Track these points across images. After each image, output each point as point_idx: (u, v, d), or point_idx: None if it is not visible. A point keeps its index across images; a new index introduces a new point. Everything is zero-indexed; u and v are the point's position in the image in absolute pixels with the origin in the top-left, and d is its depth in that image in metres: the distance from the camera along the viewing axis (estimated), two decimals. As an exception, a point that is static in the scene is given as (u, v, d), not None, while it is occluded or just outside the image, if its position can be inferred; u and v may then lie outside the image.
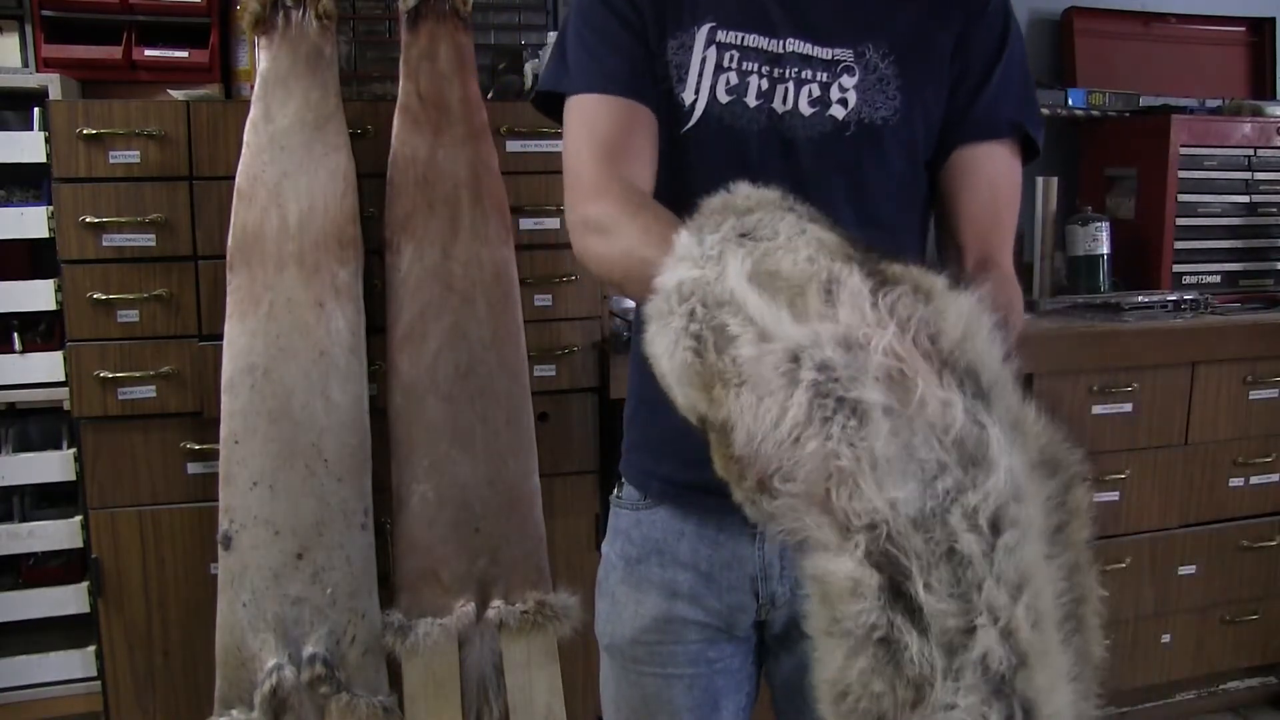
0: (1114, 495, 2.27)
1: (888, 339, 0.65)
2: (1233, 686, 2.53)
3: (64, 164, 1.75)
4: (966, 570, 0.62)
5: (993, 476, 0.64)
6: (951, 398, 0.65)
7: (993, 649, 0.61)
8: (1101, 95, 2.57)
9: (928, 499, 0.63)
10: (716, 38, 1.09)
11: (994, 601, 0.62)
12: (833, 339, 0.66)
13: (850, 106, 1.06)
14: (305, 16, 1.75)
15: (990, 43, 1.08)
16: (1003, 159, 1.10)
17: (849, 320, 0.67)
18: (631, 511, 1.18)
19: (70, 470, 1.89)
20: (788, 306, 0.69)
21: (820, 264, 0.70)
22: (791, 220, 0.76)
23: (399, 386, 1.82)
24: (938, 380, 0.65)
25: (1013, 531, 0.63)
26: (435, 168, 1.81)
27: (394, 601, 1.83)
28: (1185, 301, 2.34)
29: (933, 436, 0.64)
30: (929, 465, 0.63)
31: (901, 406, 0.64)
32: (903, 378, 0.65)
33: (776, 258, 0.72)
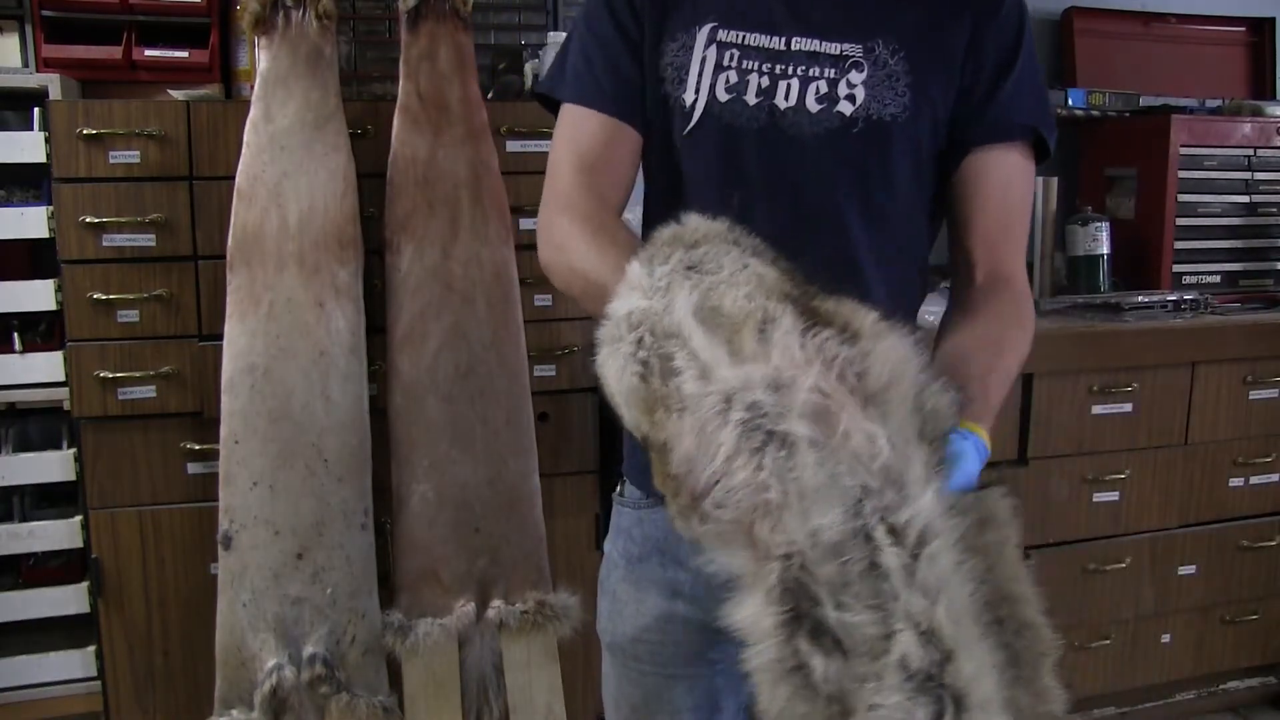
0: (1114, 495, 2.27)
1: (814, 378, 0.73)
2: (1233, 686, 2.53)
3: (64, 164, 1.75)
4: (885, 582, 0.69)
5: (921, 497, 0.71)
6: (875, 430, 0.72)
7: (911, 650, 0.68)
8: (1101, 95, 2.57)
9: (852, 521, 0.70)
10: (717, 37, 1.09)
11: (912, 608, 0.68)
12: (763, 381, 0.73)
13: (858, 103, 1.05)
14: (305, 16, 1.75)
15: (1004, 44, 1.06)
16: (1016, 163, 1.09)
17: (779, 361, 0.74)
18: (633, 510, 1.18)
19: (70, 470, 1.89)
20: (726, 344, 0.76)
21: (757, 302, 0.77)
22: (735, 255, 0.82)
23: (399, 386, 1.81)
24: (862, 414, 0.73)
25: (936, 542, 0.70)
26: (435, 168, 1.81)
27: (394, 601, 1.83)
28: (1185, 301, 2.34)
29: (859, 465, 0.71)
30: (853, 491, 0.70)
31: (826, 439, 0.71)
32: (829, 413, 0.72)
33: (719, 293, 0.79)
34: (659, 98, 1.11)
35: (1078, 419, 2.21)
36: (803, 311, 0.77)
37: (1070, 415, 2.21)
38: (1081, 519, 2.26)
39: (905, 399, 0.77)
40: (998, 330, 1.04)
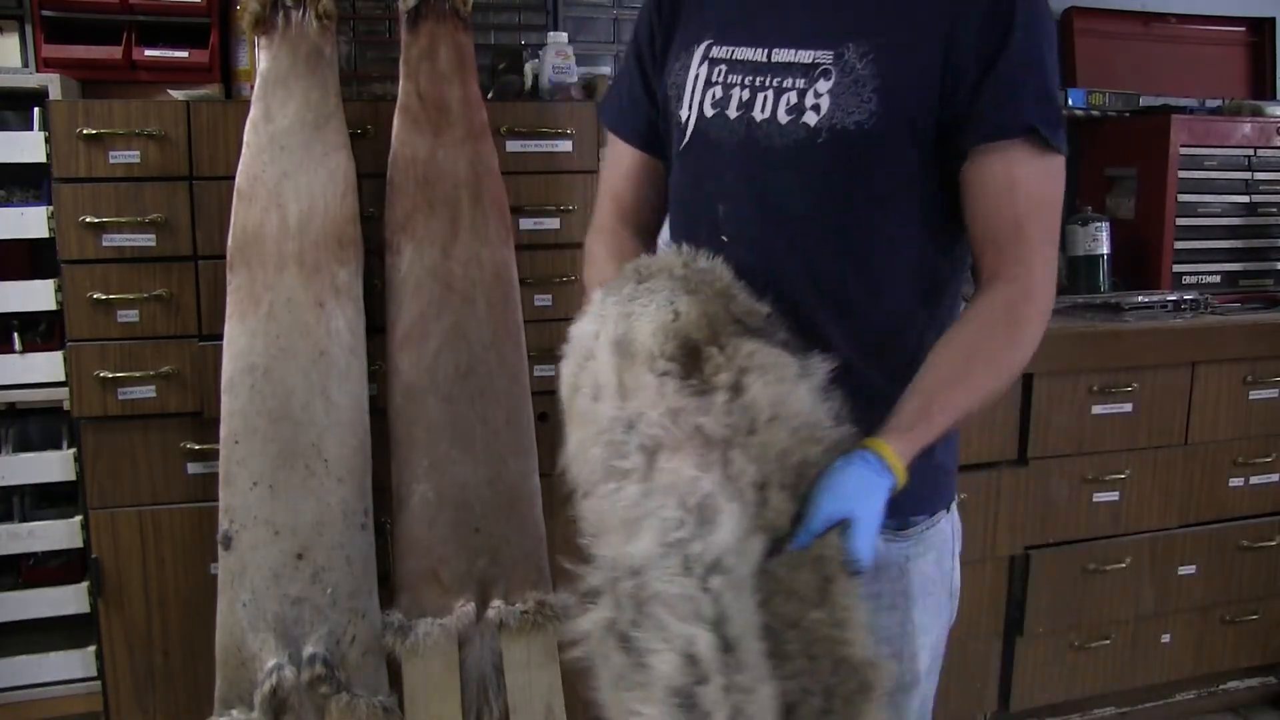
0: (1114, 495, 2.27)
1: (658, 420, 0.88)
2: (1233, 686, 2.53)
3: (64, 164, 1.75)
4: (667, 603, 0.81)
5: (717, 533, 0.83)
6: (701, 475, 0.86)
7: (672, 671, 0.80)
8: (1101, 95, 2.57)
9: (657, 545, 0.83)
10: (710, 54, 1.12)
11: (680, 631, 0.80)
12: (624, 419, 0.90)
13: (822, 113, 1.03)
14: (305, 16, 1.75)
15: (989, 41, 1.01)
16: (1019, 161, 1.04)
17: (640, 403, 0.90)
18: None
19: (70, 470, 1.89)
20: (619, 377, 0.92)
21: (658, 342, 0.92)
22: (668, 293, 0.96)
23: (399, 386, 1.82)
24: (698, 456, 0.87)
25: (719, 579, 0.82)
26: (435, 168, 1.81)
27: (394, 601, 1.83)
28: (1185, 301, 2.34)
29: (676, 501, 0.85)
30: (670, 522, 0.84)
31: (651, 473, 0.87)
32: (664, 452, 0.87)
33: (639, 327, 0.93)
34: (666, 116, 1.17)
35: (1078, 419, 2.21)
36: (689, 357, 0.91)
37: (1070, 415, 2.21)
38: (1081, 519, 2.26)
39: (766, 444, 0.89)
40: (973, 341, 1.03)
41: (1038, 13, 1.04)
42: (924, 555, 1.15)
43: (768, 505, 0.88)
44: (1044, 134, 1.04)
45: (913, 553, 1.14)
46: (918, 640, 1.15)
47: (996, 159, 1.03)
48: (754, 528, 0.86)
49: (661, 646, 0.80)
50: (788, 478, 0.89)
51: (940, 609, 1.18)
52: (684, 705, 0.79)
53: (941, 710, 2.28)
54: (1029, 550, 2.23)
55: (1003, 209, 1.04)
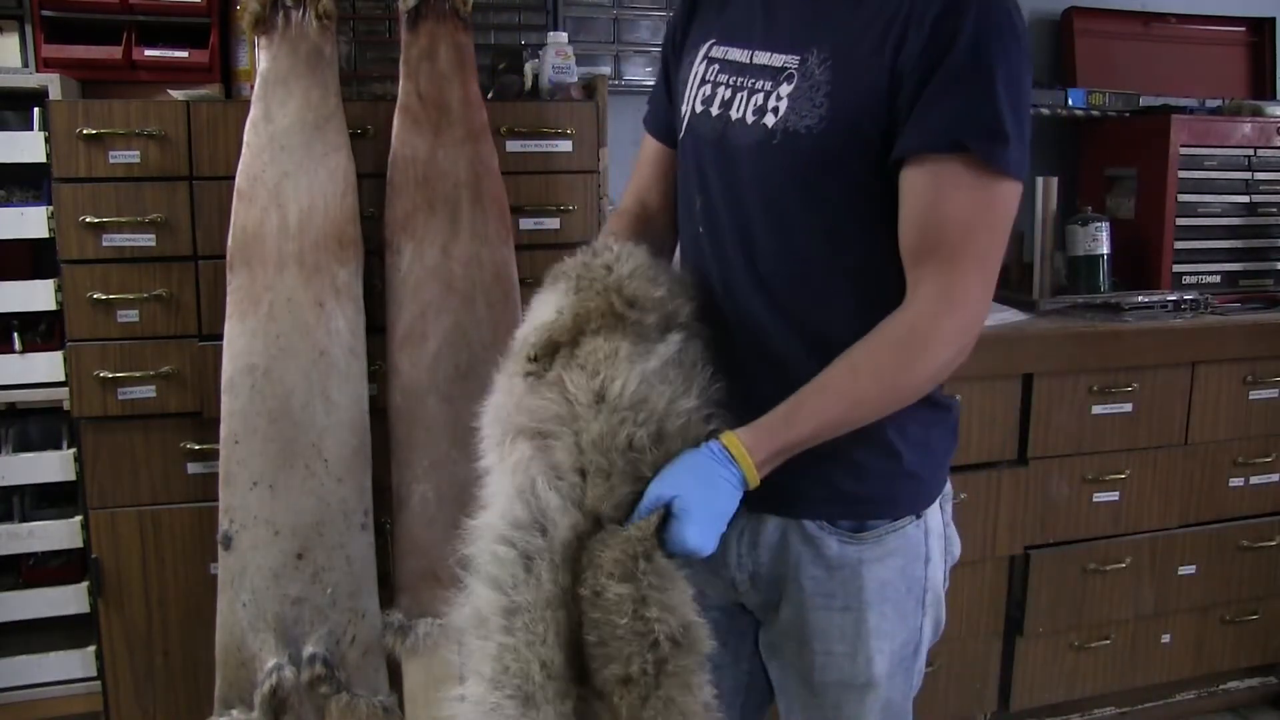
0: (1114, 495, 2.27)
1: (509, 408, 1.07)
2: (1233, 686, 2.53)
3: (64, 164, 1.75)
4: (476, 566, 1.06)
5: (523, 512, 1.02)
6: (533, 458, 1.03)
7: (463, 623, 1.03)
8: (1101, 95, 2.57)
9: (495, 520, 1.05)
10: (710, 53, 1.16)
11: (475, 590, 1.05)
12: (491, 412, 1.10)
13: (779, 115, 1.06)
14: (305, 16, 1.75)
15: (929, 53, 0.99)
16: (946, 177, 1.00)
17: (501, 397, 1.09)
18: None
19: (70, 470, 1.89)
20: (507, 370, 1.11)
21: (532, 340, 1.09)
22: (559, 294, 1.11)
23: (399, 386, 1.81)
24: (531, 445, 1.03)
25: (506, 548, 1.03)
26: (435, 168, 1.81)
27: (394, 601, 1.83)
28: (1185, 301, 2.34)
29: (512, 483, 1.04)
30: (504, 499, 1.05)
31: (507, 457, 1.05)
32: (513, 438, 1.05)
33: (527, 325, 1.12)
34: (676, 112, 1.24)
35: (1078, 419, 2.21)
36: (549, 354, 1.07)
37: (1070, 415, 2.21)
38: (1081, 519, 2.26)
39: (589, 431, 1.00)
40: (864, 356, 1.03)
41: (995, 28, 0.99)
42: (882, 560, 1.14)
43: (584, 489, 1.00)
44: (977, 152, 0.99)
45: (867, 556, 1.14)
46: (873, 644, 1.15)
47: (922, 172, 1.01)
48: (565, 507, 0.99)
49: (465, 599, 1.03)
50: (611, 461, 1.00)
51: (906, 615, 1.17)
52: (465, 648, 0.99)
53: (942, 710, 2.30)
54: (1029, 550, 2.23)
55: (924, 224, 1.02)
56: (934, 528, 1.19)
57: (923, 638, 1.20)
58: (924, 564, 1.18)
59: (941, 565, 1.21)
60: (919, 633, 1.19)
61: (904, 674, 1.19)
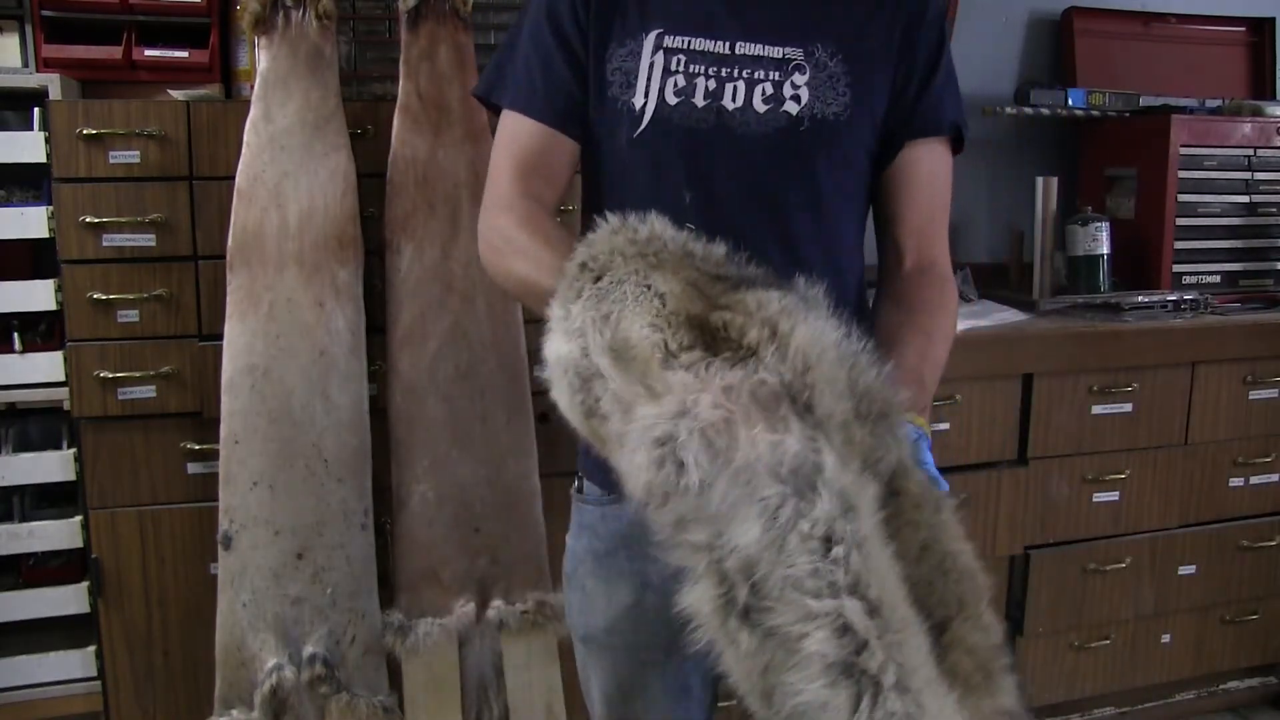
0: (1114, 495, 2.27)
1: (708, 402, 0.79)
2: (1233, 686, 2.53)
3: (64, 164, 1.75)
4: (799, 585, 0.75)
5: (819, 503, 0.77)
6: (782, 437, 0.78)
7: (826, 646, 0.75)
8: (1101, 95, 2.57)
9: (768, 532, 0.76)
10: (664, 43, 1.13)
11: (822, 608, 0.75)
12: (670, 412, 0.80)
13: (804, 103, 1.11)
14: (305, 16, 1.75)
15: (932, 45, 1.15)
16: (941, 157, 1.18)
17: (681, 392, 0.81)
18: (596, 507, 1.22)
19: (70, 470, 1.89)
20: (640, 381, 0.84)
21: (661, 333, 0.85)
22: (637, 276, 0.88)
23: (399, 386, 1.82)
24: (766, 422, 0.79)
25: (841, 546, 0.76)
26: (435, 168, 1.81)
27: (394, 601, 1.83)
28: (1185, 301, 2.34)
29: (769, 474, 0.77)
30: (771, 499, 0.76)
31: (732, 454, 0.78)
32: (736, 427, 0.78)
33: (626, 324, 0.86)
34: (605, 101, 1.14)
35: (1078, 419, 2.21)
36: (703, 333, 0.85)
37: (1070, 415, 2.21)
38: (1081, 519, 2.26)
39: (831, 380, 0.82)
40: (926, 319, 1.13)
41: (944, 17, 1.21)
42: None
43: (854, 441, 0.83)
44: (964, 135, 1.19)
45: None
46: None
47: (925, 153, 1.17)
48: (858, 469, 0.81)
49: (808, 627, 0.76)
50: (861, 407, 0.84)
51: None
52: (848, 675, 0.75)
53: (941, 710, 2.28)
54: (1029, 550, 2.23)
55: (926, 199, 1.18)
56: None
57: None
58: None
59: None
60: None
61: None
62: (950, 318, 1.15)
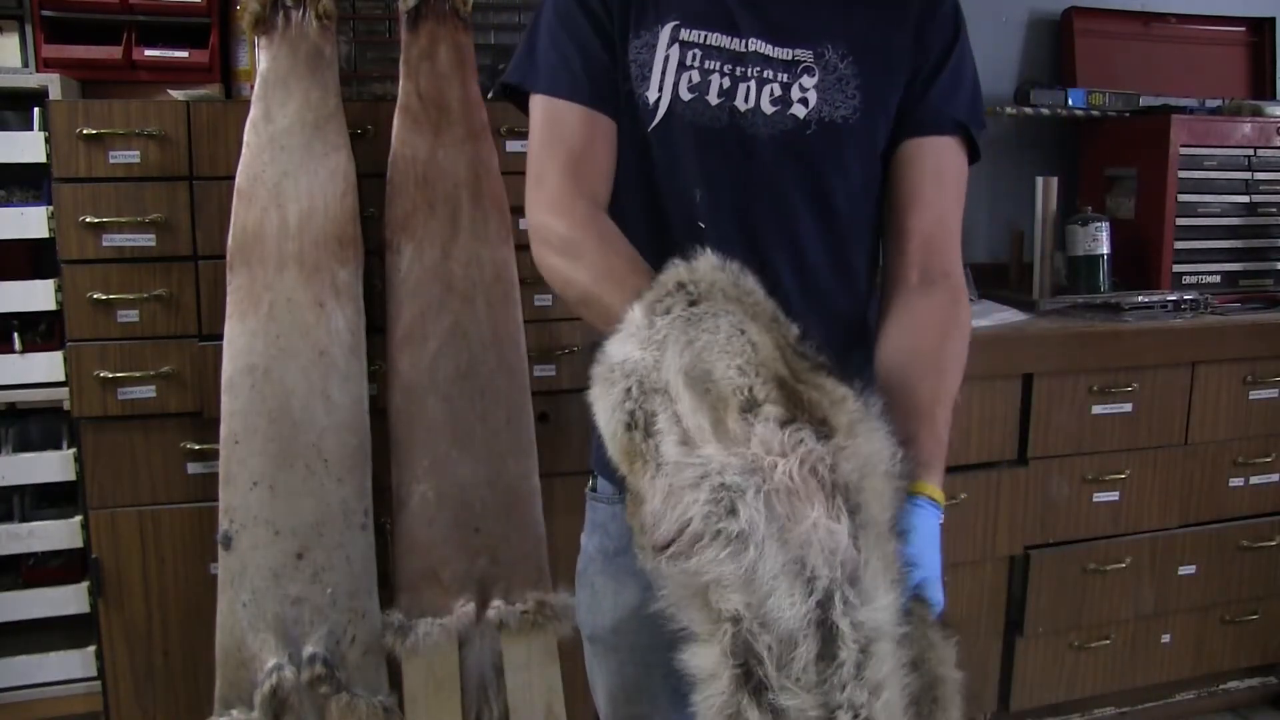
0: (1114, 495, 2.27)
1: (788, 468, 0.77)
2: (1233, 686, 2.53)
3: (64, 164, 1.75)
4: (835, 673, 0.74)
5: (880, 599, 0.77)
6: (837, 526, 0.77)
7: None
8: (1101, 95, 2.57)
9: (816, 608, 0.75)
10: (680, 36, 1.10)
11: (856, 699, 0.74)
12: (740, 466, 0.77)
13: (811, 106, 1.08)
14: (305, 16, 1.75)
15: (942, 40, 1.11)
16: (947, 155, 1.11)
17: (757, 449, 0.78)
18: (608, 505, 1.22)
19: (70, 470, 1.89)
20: (711, 416, 0.80)
21: (747, 379, 0.81)
22: (733, 319, 0.85)
23: (399, 386, 1.81)
24: (827, 508, 0.77)
25: (884, 642, 0.76)
26: (435, 168, 1.81)
27: (394, 601, 1.83)
28: (1185, 301, 2.34)
29: (821, 556, 0.76)
30: (823, 579, 0.75)
31: (792, 525, 0.76)
32: (798, 503, 0.77)
33: (712, 358, 0.82)
34: (623, 93, 1.12)
35: (1078, 419, 2.21)
36: (787, 397, 0.82)
37: (1070, 415, 2.20)
38: (1081, 519, 2.26)
39: (879, 493, 0.81)
40: (937, 341, 1.06)
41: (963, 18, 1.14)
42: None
43: (887, 554, 0.81)
44: (973, 133, 1.12)
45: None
46: None
47: (930, 151, 1.11)
48: (894, 585, 0.80)
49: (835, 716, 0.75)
50: (894, 524, 0.84)
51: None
52: None
53: (941, 710, 2.28)
54: (1029, 550, 2.23)
55: (932, 200, 1.11)
56: None
57: None
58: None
59: None
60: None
61: None
62: (961, 340, 1.08)
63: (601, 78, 1.10)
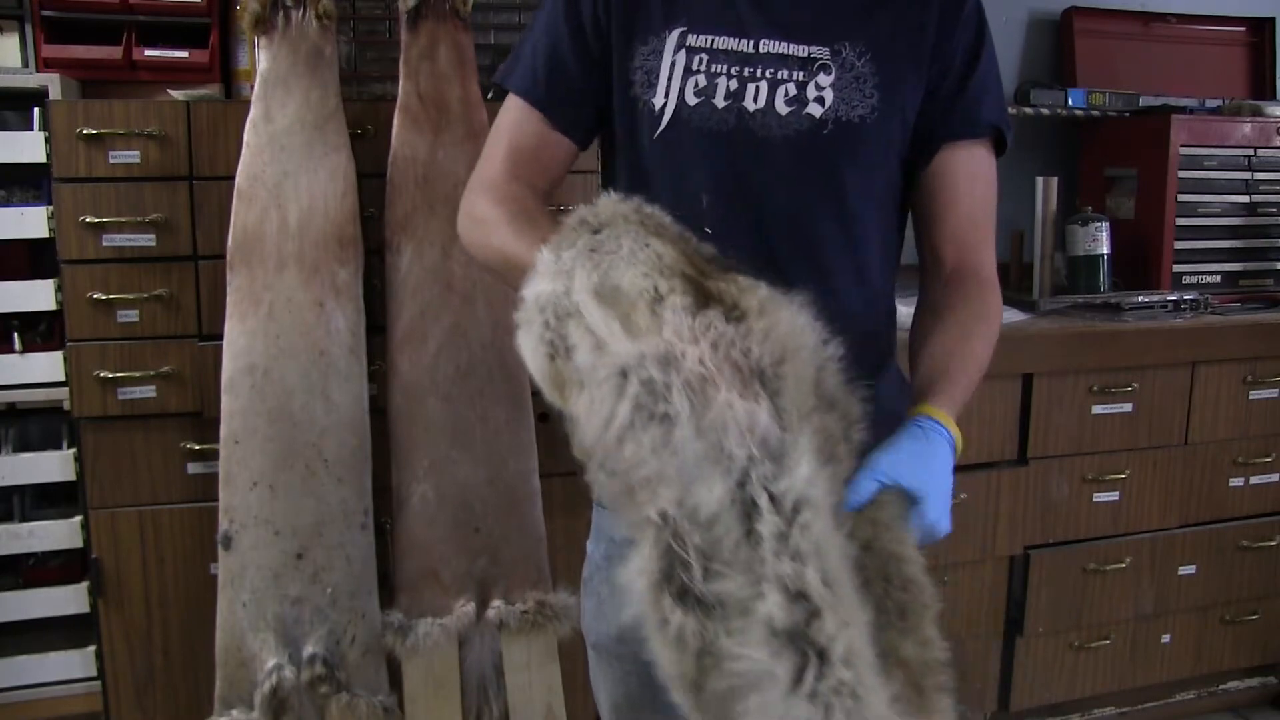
0: (1114, 495, 2.27)
1: (700, 353, 0.79)
2: (1233, 686, 2.53)
3: (64, 164, 1.75)
4: (757, 549, 0.76)
5: (791, 469, 0.78)
6: (754, 406, 0.79)
7: (776, 611, 0.74)
8: (1101, 95, 2.57)
9: (735, 488, 0.76)
10: (686, 42, 1.10)
11: (782, 571, 0.75)
12: (654, 356, 0.79)
13: (827, 105, 1.07)
14: (305, 16, 1.75)
15: (968, 44, 1.11)
16: (981, 159, 1.13)
17: (669, 336, 0.80)
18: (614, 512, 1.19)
19: (70, 470, 1.89)
20: (621, 320, 0.82)
21: (651, 280, 0.83)
22: (636, 234, 0.88)
23: (399, 386, 1.82)
24: (742, 389, 0.79)
25: (808, 511, 0.77)
26: (435, 168, 1.81)
27: (394, 601, 1.83)
28: (1185, 301, 2.34)
29: (741, 435, 0.77)
30: (739, 459, 0.77)
31: (706, 411, 0.78)
32: (712, 387, 0.79)
33: (618, 271, 0.85)
34: (627, 100, 1.13)
35: (1078, 419, 2.21)
36: (695, 290, 0.84)
37: (1070, 415, 2.21)
38: (1081, 519, 2.26)
39: (801, 375, 0.83)
40: (968, 323, 1.09)
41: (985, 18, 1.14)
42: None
43: (816, 431, 0.83)
44: (1005, 136, 1.14)
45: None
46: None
47: (964, 155, 1.12)
48: (815, 456, 0.81)
49: (761, 589, 0.75)
50: (824, 404, 0.85)
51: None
52: (794, 643, 0.75)
53: (941, 710, 2.28)
54: (1029, 550, 2.23)
55: (965, 203, 1.13)
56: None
57: None
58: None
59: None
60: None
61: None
62: (989, 322, 1.10)
63: (563, 90, 1.13)
